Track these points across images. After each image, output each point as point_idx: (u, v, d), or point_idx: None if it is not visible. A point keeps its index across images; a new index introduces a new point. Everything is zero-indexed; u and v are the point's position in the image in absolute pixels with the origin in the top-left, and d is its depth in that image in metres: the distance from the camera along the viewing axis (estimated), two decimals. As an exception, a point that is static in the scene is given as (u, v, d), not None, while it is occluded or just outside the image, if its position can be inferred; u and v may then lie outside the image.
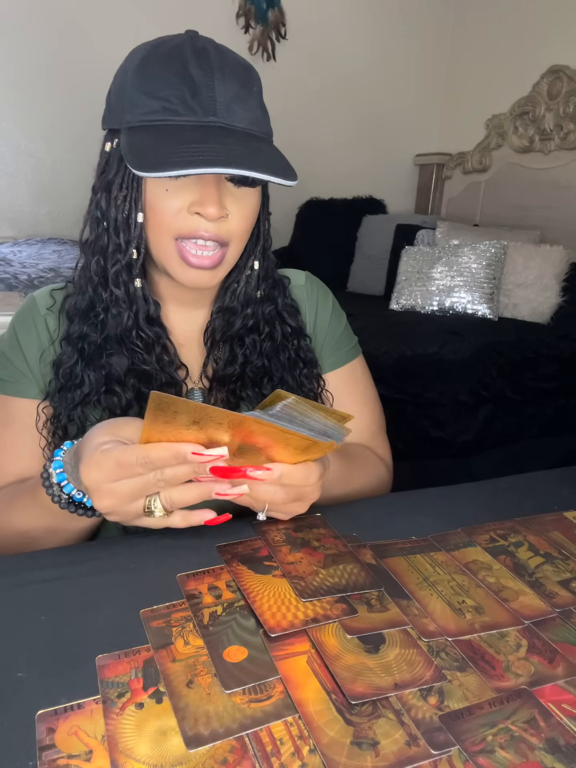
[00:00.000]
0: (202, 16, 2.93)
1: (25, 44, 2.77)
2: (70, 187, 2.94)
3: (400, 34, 3.50)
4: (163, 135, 0.58)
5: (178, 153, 0.55)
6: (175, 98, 0.58)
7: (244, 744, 0.38)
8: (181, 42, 0.61)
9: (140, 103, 0.59)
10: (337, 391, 0.82)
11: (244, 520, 0.64)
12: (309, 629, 0.48)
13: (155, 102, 0.59)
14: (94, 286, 0.68)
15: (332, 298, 0.85)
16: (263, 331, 0.74)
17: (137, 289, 0.67)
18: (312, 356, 0.78)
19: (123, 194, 0.63)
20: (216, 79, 0.59)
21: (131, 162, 0.56)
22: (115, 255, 0.66)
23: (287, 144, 0.78)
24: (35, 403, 0.70)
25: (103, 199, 0.65)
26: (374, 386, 0.87)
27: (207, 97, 0.59)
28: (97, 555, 0.59)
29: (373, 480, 0.80)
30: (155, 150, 0.56)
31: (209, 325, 0.75)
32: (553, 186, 2.96)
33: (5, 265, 2.26)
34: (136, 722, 0.39)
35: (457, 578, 0.56)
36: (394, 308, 2.64)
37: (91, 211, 0.67)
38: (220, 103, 0.59)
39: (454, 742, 0.39)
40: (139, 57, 0.61)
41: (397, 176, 3.73)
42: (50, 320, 0.73)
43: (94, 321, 0.68)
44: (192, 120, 0.59)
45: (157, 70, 0.59)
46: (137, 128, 0.60)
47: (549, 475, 0.80)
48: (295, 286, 0.82)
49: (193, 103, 0.58)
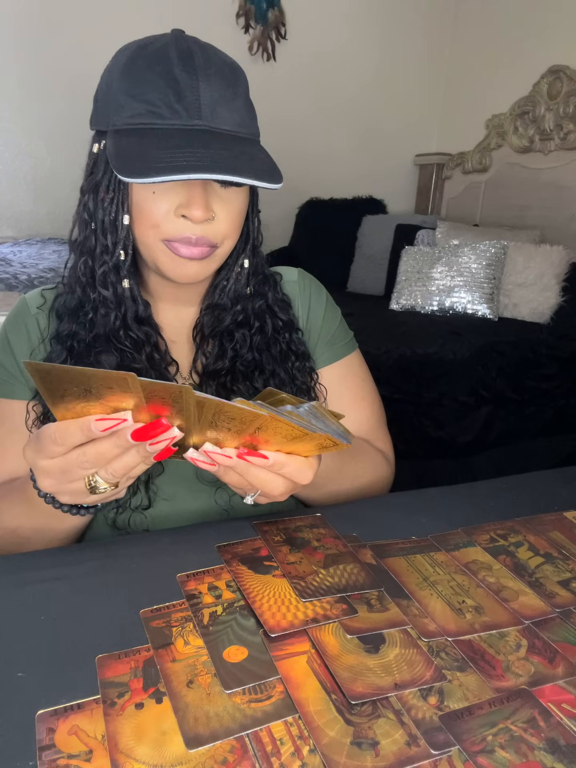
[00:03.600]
0: (202, 16, 2.93)
1: (25, 44, 2.77)
2: (70, 187, 2.91)
3: (400, 34, 3.50)
4: (147, 139, 0.58)
5: (163, 158, 0.55)
6: (159, 101, 0.58)
7: (244, 744, 0.38)
8: (166, 43, 0.61)
9: (126, 106, 0.59)
10: (334, 385, 0.82)
11: (244, 520, 0.64)
12: (309, 629, 0.48)
13: (140, 105, 0.59)
14: (82, 287, 0.68)
15: (326, 293, 0.85)
16: (253, 326, 0.75)
17: (125, 290, 0.67)
18: (304, 349, 0.78)
19: (110, 196, 0.63)
20: (200, 81, 0.59)
21: (116, 167, 0.56)
22: (102, 256, 0.66)
23: (287, 144, 0.78)
24: (25, 404, 0.70)
25: (90, 201, 0.65)
26: (372, 381, 0.87)
27: (191, 100, 0.59)
28: (97, 555, 0.59)
29: (371, 473, 0.80)
30: (140, 155, 0.56)
31: (198, 322, 0.75)
32: (553, 186, 2.96)
33: (5, 265, 2.26)
34: (136, 722, 0.39)
35: (457, 578, 0.56)
36: (394, 308, 2.64)
37: (79, 212, 0.67)
38: (205, 105, 0.59)
39: (454, 742, 0.39)
40: (124, 58, 0.61)
41: (397, 176, 3.73)
42: (41, 319, 0.73)
43: (83, 320, 0.68)
44: (176, 123, 0.59)
45: (142, 72, 0.59)
46: (122, 131, 0.60)
47: (549, 475, 0.80)
48: (287, 281, 0.82)
49: (178, 106, 0.58)
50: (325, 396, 0.81)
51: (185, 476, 0.72)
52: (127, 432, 0.46)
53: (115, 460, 0.48)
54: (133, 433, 0.46)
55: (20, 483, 0.64)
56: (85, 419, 0.45)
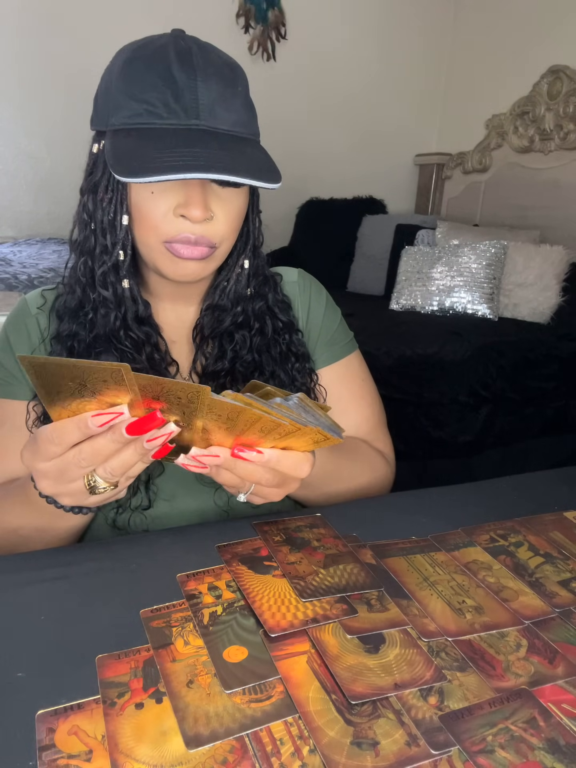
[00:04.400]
0: (202, 16, 2.93)
1: (26, 44, 2.77)
2: (70, 187, 2.92)
3: (400, 33, 3.50)
4: (145, 139, 0.58)
5: (161, 158, 0.56)
6: (157, 101, 0.58)
7: (244, 744, 0.38)
8: (165, 43, 0.61)
9: (124, 106, 0.59)
10: (333, 386, 0.82)
11: (244, 520, 0.64)
12: (309, 629, 0.48)
13: (138, 105, 0.59)
14: (82, 287, 0.68)
15: (326, 293, 0.85)
16: (253, 327, 0.75)
17: (125, 290, 0.67)
18: (304, 350, 0.78)
19: (109, 196, 0.64)
20: (199, 80, 0.59)
21: (114, 167, 0.56)
22: (102, 256, 0.66)
23: (286, 144, 0.78)
24: (25, 404, 0.70)
25: (90, 201, 0.65)
26: (372, 381, 0.87)
27: (190, 100, 0.59)
28: (97, 555, 0.59)
29: (368, 474, 0.79)
30: (137, 155, 0.56)
31: (198, 322, 0.75)
32: (553, 186, 2.96)
33: (5, 265, 2.26)
34: (136, 722, 0.39)
35: (457, 578, 0.56)
36: (394, 308, 2.64)
37: (79, 212, 0.67)
38: (203, 105, 0.59)
39: (454, 742, 0.39)
40: (123, 58, 0.61)
41: (397, 176, 3.73)
42: (41, 319, 0.73)
43: (84, 320, 0.69)
44: (174, 123, 0.59)
45: (140, 72, 0.59)
46: (120, 131, 0.60)
47: (549, 475, 0.80)
48: (287, 282, 0.82)
49: (176, 105, 0.58)
50: (325, 397, 0.81)
51: (185, 477, 0.72)
52: (122, 426, 0.45)
53: (112, 458, 0.47)
54: (127, 427, 0.45)
55: (21, 483, 0.64)
56: (81, 416, 0.45)
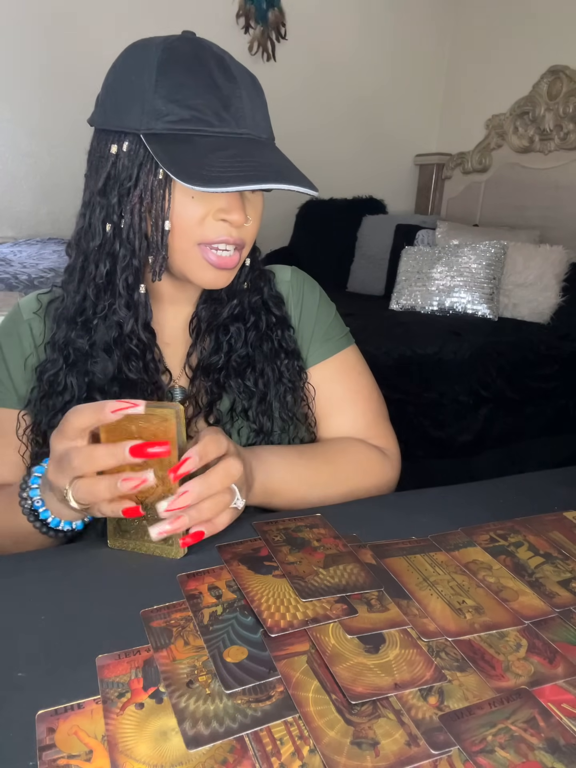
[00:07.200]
0: (202, 16, 2.93)
1: (25, 44, 2.77)
2: (70, 187, 2.94)
3: (400, 34, 3.50)
4: (204, 148, 0.58)
5: (231, 167, 0.57)
6: (206, 108, 0.59)
7: (244, 744, 0.38)
8: (196, 47, 0.61)
9: (167, 111, 0.58)
10: (328, 381, 0.81)
11: (245, 520, 0.64)
12: (309, 629, 0.48)
13: (184, 111, 0.58)
14: (95, 292, 0.67)
15: (319, 290, 0.85)
16: (248, 320, 0.75)
17: (141, 295, 0.67)
18: (294, 347, 0.78)
19: (147, 201, 0.62)
20: (241, 89, 0.61)
21: (178, 174, 0.55)
22: (127, 261, 0.65)
23: (286, 144, 0.78)
24: (14, 413, 0.70)
25: (115, 204, 0.63)
26: (371, 375, 0.85)
27: (238, 108, 0.60)
28: (97, 555, 0.59)
29: (360, 477, 0.76)
30: (204, 163, 0.57)
31: (195, 316, 0.75)
32: (553, 186, 2.96)
33: (5, 265, 2.26)
34: (136, 722, 0.39)
35: (457, 578, 0.56)
36: (394, 308, 2.64)
37: (95, 215, 0.65)
38: (248, 114, 0.61)
39: (454, 742, 0.39)
40: (155, 60, 0.59)
41: (397, 176, 3.73)
42: (34, 324, 0.73)
43: (83, 327, 0.68)
44: (227, 132, 0.60)
45: (181, 76, 0.59)
46: (166, 136, 0.59)
47: (549, 475, 0.80)
48: (281, 281, 0.81)
49: (226, 114, 0.59)
50: (314, 396, 0.80)
51: None
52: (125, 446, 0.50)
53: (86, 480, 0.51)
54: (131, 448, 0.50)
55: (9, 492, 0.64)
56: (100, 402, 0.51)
